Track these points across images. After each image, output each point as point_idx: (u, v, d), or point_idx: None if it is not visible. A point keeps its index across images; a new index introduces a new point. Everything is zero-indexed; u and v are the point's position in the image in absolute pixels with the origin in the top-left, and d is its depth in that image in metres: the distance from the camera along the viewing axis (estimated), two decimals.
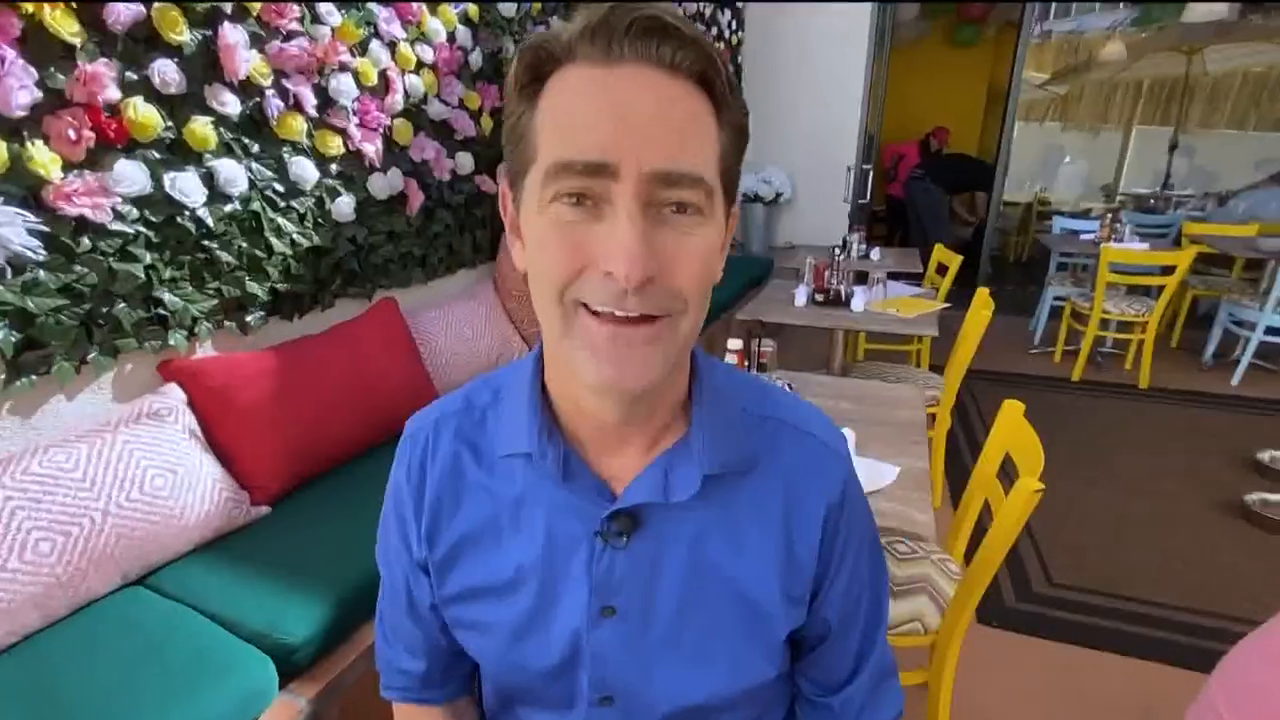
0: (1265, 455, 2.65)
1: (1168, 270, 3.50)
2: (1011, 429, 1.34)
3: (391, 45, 1.80)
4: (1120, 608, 1.90)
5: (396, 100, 1.83)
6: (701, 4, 3.86)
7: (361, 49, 1.71)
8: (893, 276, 2.94)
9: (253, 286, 1.51)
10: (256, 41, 1.44)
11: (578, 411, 0.53)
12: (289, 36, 1.51)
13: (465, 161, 2.12)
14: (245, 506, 1.34)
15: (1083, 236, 4.21)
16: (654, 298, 0.43)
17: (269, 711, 0.99)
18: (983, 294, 2.23)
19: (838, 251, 2.79)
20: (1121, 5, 6.56)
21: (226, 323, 1.48)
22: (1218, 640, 1.76)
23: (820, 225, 4.90)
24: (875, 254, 3.38)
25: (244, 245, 1.47)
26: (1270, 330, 3.50)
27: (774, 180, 4.70)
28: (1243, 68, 6.64)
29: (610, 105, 0.41)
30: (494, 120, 2.22)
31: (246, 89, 1.44)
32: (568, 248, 0.43)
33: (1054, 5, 7.39)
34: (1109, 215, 4.14)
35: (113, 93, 1.18)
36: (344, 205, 1.71)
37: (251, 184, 1.47)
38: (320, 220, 1.66)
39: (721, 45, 4.31)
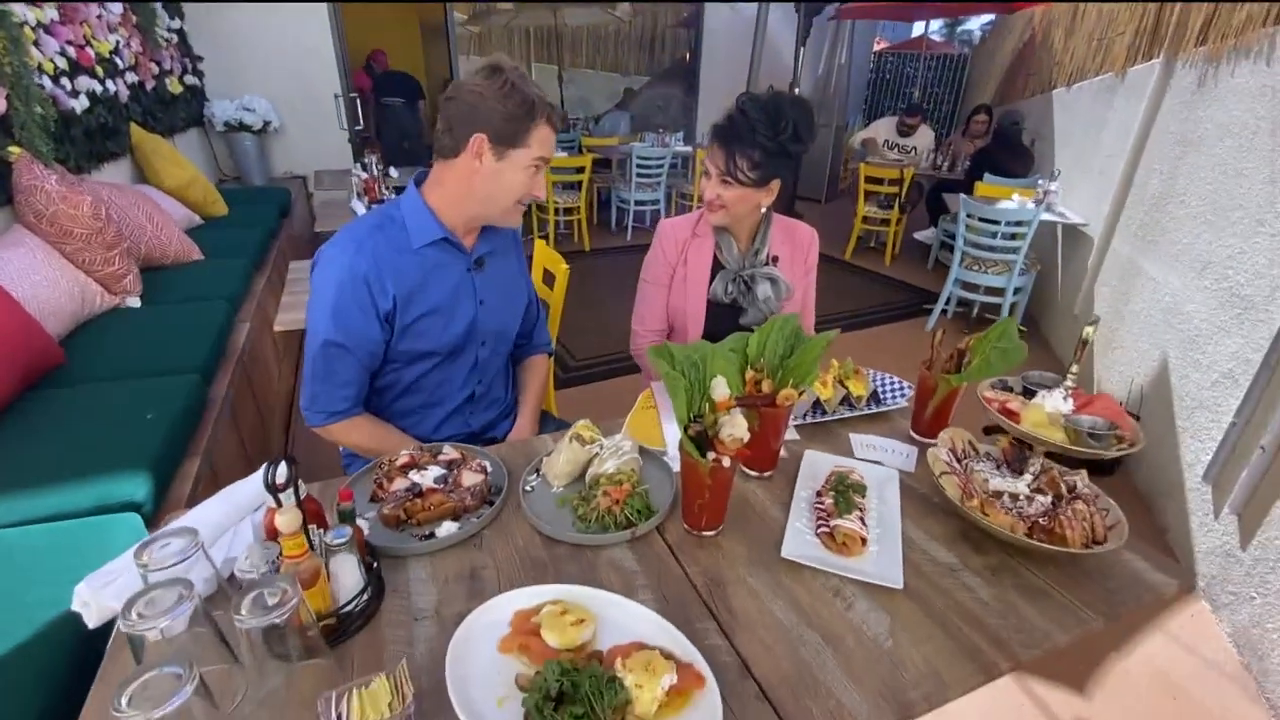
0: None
1: (580, 170, 5.30)
2: (543, 255, 2.39)
3: None
4: (610, 357, 3.39)
5: None
6: None
7: None
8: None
9: None
10: None
11: (465, 222, 1.22)
12: None
13: None
14: None
15: None
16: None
17: None
18: None
19: (375, 170, 3.36)
20: None
21: None
22: None
23: (316, 152, 5.12)
24: (394, 172, 4.03)
25: None
26: (638, 202, 5.76)
27: (257, 108, 4.64)
28: (585, 24, 9.43)
29: (553, 144, 1.17)
30: None
31: None
32: (527, 186, 1.17)
33: None
34: None
35: None
36: None
37: None
38: None
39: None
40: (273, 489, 0.74)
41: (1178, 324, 2.41)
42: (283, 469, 0.76)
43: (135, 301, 2.26)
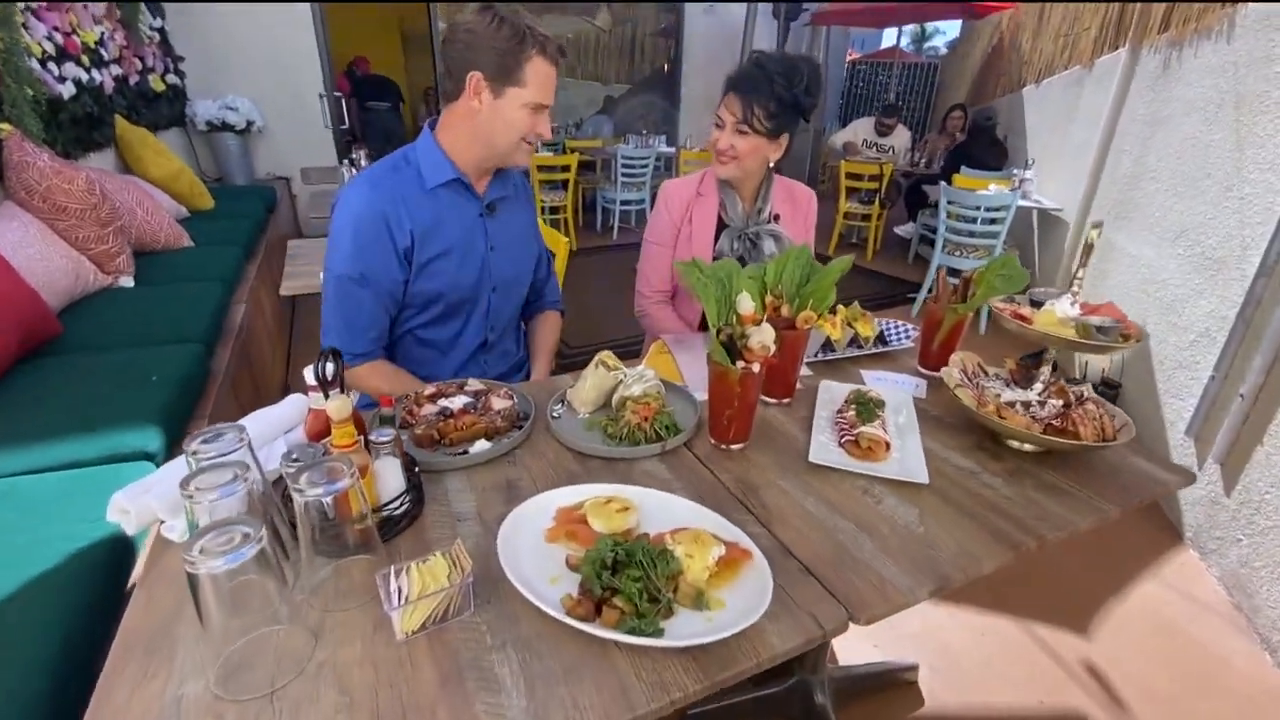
0: None
1: (565, 169, 5.35)
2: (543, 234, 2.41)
3: None
4: (603, 345, 3.42)
5: None
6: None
7: None
8: None
9: None
10: None
11: (476, 165, 1.22)
12: None
13: None
14: None
15: None
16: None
17: None
18: None
19: (364, 165, 3.36)
20: None
21: None
22: None
23: (300, 153, 5.09)
24: None
25: None
26: (624, 203, 5.83)
27: (240, 108, 4.61)
28: (565, 33, 9.55)
29: (552, 86, 1.16)
30: None
31: None
32: (530, 124, 1.17)
33: None
34: None
35: None
36: None
37: None
38: None
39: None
40: (323, 381, 0.75)
41: (1155, 291, 2.51)
42: (330, 365, 0.77)
43: (128, 281, 2.23)
